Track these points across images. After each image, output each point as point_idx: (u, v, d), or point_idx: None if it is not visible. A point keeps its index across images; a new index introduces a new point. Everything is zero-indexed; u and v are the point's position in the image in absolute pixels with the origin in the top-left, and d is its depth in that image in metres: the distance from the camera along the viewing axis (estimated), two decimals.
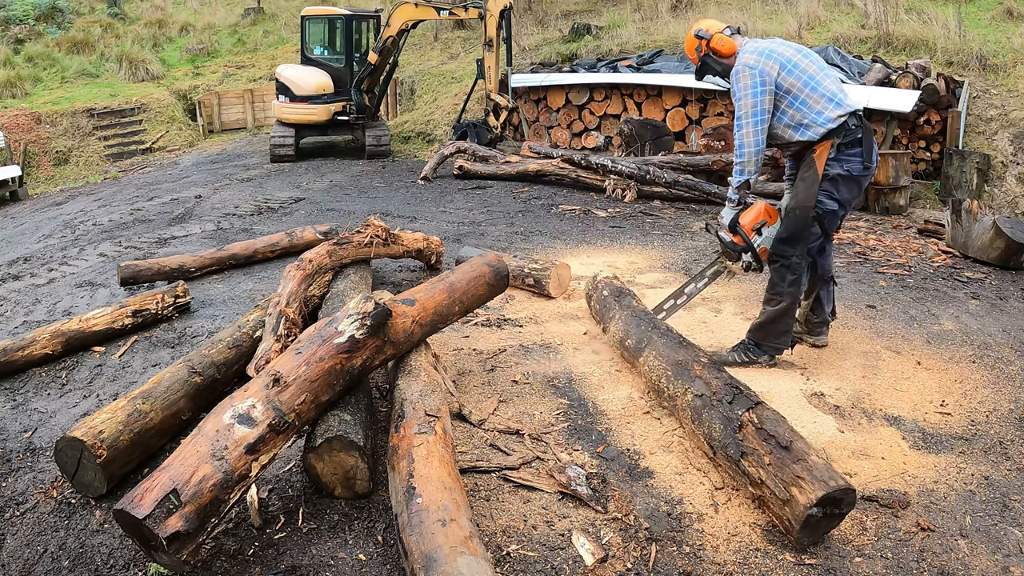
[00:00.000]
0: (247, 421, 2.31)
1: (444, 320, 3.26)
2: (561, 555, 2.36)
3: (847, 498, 2.34)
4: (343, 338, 2.64)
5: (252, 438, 2.28)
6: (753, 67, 3.41)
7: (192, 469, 2.14)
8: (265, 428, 2.32)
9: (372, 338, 2.74)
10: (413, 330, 3.01)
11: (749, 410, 2.64)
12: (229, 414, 2.32)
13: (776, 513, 2.42)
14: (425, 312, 3.12)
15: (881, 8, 11.01)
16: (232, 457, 2.22)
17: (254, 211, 8.08)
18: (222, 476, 2.16)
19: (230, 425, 2.29)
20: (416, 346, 3.15)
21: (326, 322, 2.78)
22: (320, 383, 2.54)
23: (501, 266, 3.71)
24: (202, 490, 2.12)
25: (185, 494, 2.08)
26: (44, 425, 3.43)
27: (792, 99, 3.44)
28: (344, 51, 11.88)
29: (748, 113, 3.44)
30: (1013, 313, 4.44)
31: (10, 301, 5.36)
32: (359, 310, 2.72)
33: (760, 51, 3.46)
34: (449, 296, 3.31)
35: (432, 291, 3.27)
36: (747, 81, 3.41)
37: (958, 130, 8.45)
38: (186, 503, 2.07)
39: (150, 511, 2.01)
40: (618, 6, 15.33)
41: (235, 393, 2.44)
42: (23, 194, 11.88)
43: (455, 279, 3.46)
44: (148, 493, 2.06)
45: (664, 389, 3.13)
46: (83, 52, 17.91)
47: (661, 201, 7.86)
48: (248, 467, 2.25)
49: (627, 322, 3.67)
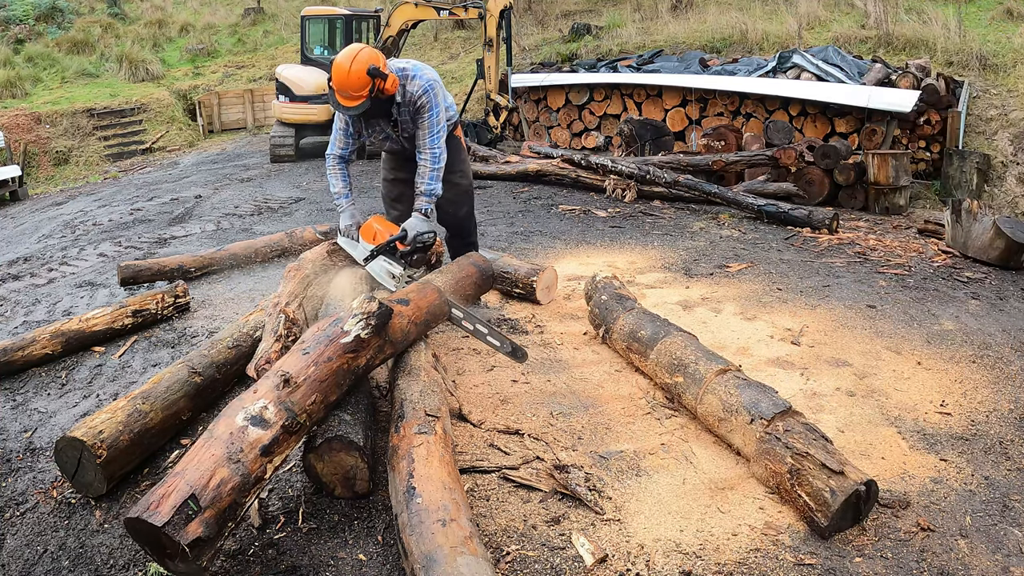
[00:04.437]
0: (260, 423, 2.28)
1: (436, 319, 3.27)
2: (561, 555, 2.36)
3: (869, 504, 2.47)
4: (349, 338, 2.64)
5: (267, 439, 2.25)
6: (437, 81, 3.81)
7: (209, 473, 2.08)
8: (279, 429, 2.30)
9: (376, 337, 2.75)
10: (409, 329, 3.02)
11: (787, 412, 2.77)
12: (241, 416, 2.29)
13: (813, 489, 2.43)
14: (419, 312, 3.12)
15: (881, 8, 11.02)
16: (248, 459, 2.18)
17: (254, 211, 8.08)
18: (240, 479, 2.12)
19: (244, 427, 2.25)
20: (411, 346, 3.16)
21: (330, 322, 2.78)
22: (329, 383, 2.54)
23: (486, 266, 3.82)
24: (221, 494, 2.07)
25: (204, 499, 2.03)
26: (44, 425, 3.43)
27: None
28: None
29: (440, 123, 3.84)
30: (1013, 313, 4.44)
31: (10, 301, 5.36)
32: (364, 310, 2.73)
33: (421, 66, 3.84)
34: (439, 296, 3.32)
35: (424, 291, 3.27)
36: (438, 94, 3.81)
37: (958, 130, 8.45)
38: (205, 508, 2.02)
39: (169, 518, 1.95)
40: (618, 6, 15.33)
41: (244, 395, 2.42)
42: (23, 194, 11.87)
43: (443, 281, 3.53)
44: (165, 500, 2.00)
45: (689, 364, 3.17)
46: (83, 52, 17.92)
47: (661, 201, 7.86)
48: (263, 469, 2.23)
49: (639, 316, 3.70)
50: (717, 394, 2.94)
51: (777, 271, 5.31)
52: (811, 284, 4.99)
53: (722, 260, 5.62)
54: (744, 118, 9.55)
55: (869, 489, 2.43)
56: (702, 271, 5.34)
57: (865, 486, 2.41)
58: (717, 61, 10.68)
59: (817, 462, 2.46)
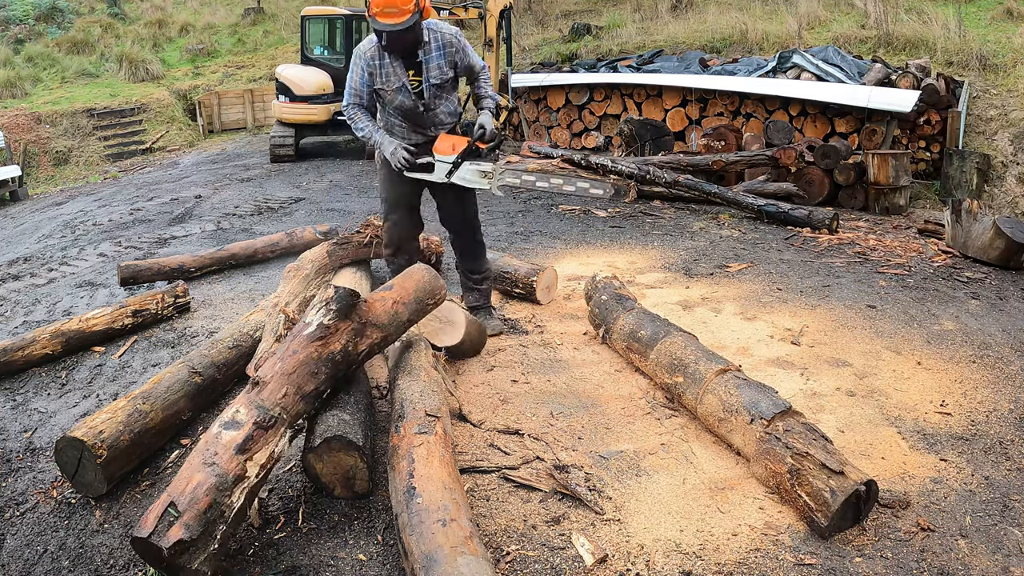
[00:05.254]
0: (233, 425, 2.37)
1: (432, 296, 3.22)
2: (561, 555, 2.36)
3: (869, 504, 2.47)
4: (312, 327, 2.68)
5: (240, 438, 2.32)
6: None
7: (186, 481, 2.20)
8: (251, 427, 2.36)
9: (343, 322, 2.74)
10: (396, 310, 2.98)
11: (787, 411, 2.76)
12: (217, 425, 2.40)
13: (813, 489, 2.43)
14: (406, 292, 3.09)
15: (881, 8, 11.02)
16: (223, 460, 2.25)
17: (254, 211, 8.08)
18: (215, 480, 2.20)
19: (217, 433, 2.35)
20: (407, 327, 3.11)
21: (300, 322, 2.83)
22: (299, 373, 2.56)
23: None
24: (197, 496, 2.15)
25: (181, 504, 2.13)
26: (44, 425, 3.44)
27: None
28: (344, 51, 11.87)
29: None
30: (1013, 313, 4.44)
31: (10, 301, 5.36)
32: (321, 298, 2.78)
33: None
34: (427, 273, 3.27)
35: (409, 272, 3.25)
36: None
37: (958, 130, 8.46)
38: (184, 511, 2.11)
39: (153, 528, 2.08)
40: (618, 6, 15.34)
41: (224, 411, 2.51)
42: (23, 194, 11.88)
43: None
44: (150, 514, 2.14)
45: (689, 364, 3.17)
46: (83, 52, 17.93)
47: (661, 201, 7.86)
48: (242, 467, 2.27)
49: (639, 316, 3.70)
50: (717, 394, 2.94)
51: (777, 271, 5.31)
52: (811, 284, 4.99)
53: (722, 260, 5.62)
54: (744, 118, 9.55)
55: (869, 489, 2.43)
56: (702, 271, 5.34)
57: (865, 486, 2.41)
58: (717, 61, 10.68)
59: (817, 462, 2.46)
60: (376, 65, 3.76)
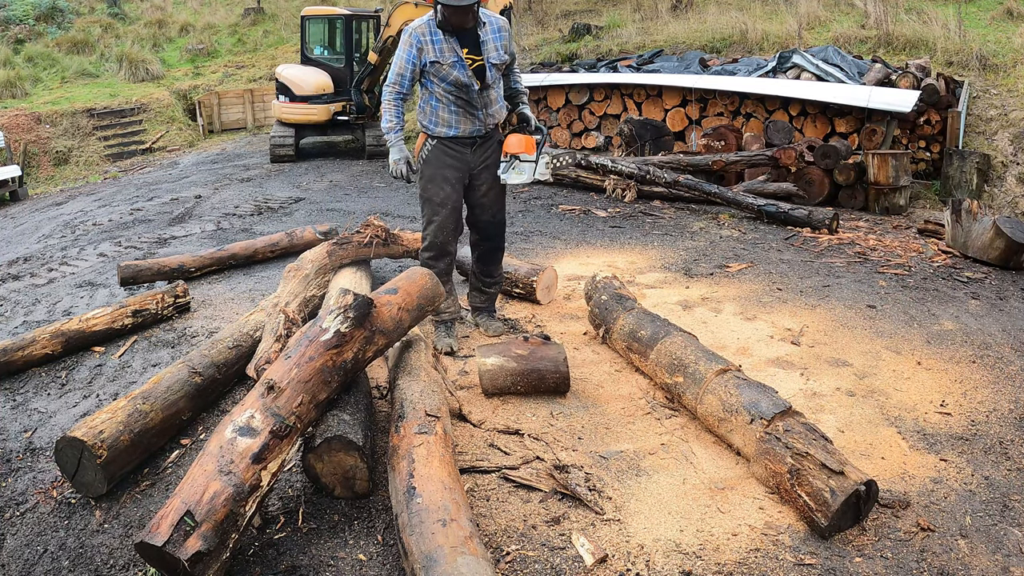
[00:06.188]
0: (248, 432, 2.31)
1: (431, 303, 3.23)
2: (561, 555, 2.36)
3: (869, 504, 2.48)
4: (329, 334, 2.64)
5: (256, 447, 2.28)
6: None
7: (202, 488, 2.14)
8: (268, 435, 2.32)
9: (358, 329, 2.72)
10: (401, 317, 2.99)
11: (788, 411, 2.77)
12: (230, 429, 2.32)
13: (813, 489, 2.43)
14: (409, 297, 3.09)
15: (881, 8, 11.02)
16: (240, 469, 2.21)
17: (254, 211, 8.08)
18: (233, 490, 2.16)
19: (232, 439, 2.28)
20: (406, 332, 3.12)
21: (311, 323, 2.79)
22: (314, 382, 2.54)
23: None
24: (215, 507, 2.11)
25: (199, 514, 2.07)
26: (44, 425, 3.43)
27: None
28: (344, 51, 11.88)
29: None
30: (1013, 313, 4.44)
31: (10, 301, 5.36)
32: (340, 304, 2.73)
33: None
34: (430, 279, 3.28)
35: (412, 276, 3.25)
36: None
37: (958, 130, 8.45)
38: (202, 522, 2.07)
39: (168, 537, 2.02)
40: (618, 6, 15.34)
41: (233, 410, 2.45)
42: (23, 194, 11.87)
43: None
44: (164, 520, 2.07)
45: (689, 364, 3.17)
46: (83, 52, 17.92)
47: (661, 201, 7.86)
48: (258, 476, 2.24)
49: (639, 316, 3.70)
50: (717, 394, 2.94)
51: (777, 271, 5.31)
52: (811, 284, 4.99)
53: (722, 260, 5.62)
54: (744, 118, 9.54)
55: (869, 489, 2.43)
56: (702, 271, 5.35)
57: (865, 486, 2.41)
58: (717, 61, 10.68)
59: (817, 462, 2.46)
60: (428, 40, 3.69)
